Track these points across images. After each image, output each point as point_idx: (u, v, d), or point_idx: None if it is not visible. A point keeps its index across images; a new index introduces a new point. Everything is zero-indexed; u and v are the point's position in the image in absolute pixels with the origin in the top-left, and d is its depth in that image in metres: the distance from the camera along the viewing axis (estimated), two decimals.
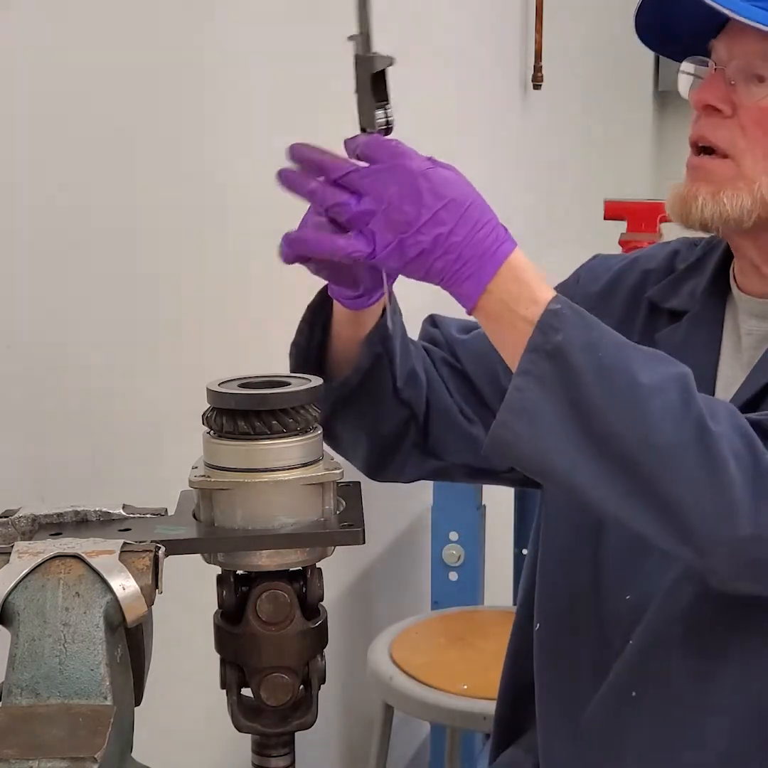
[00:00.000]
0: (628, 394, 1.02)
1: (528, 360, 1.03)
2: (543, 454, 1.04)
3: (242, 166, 1.83)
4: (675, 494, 1.02)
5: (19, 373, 1.37)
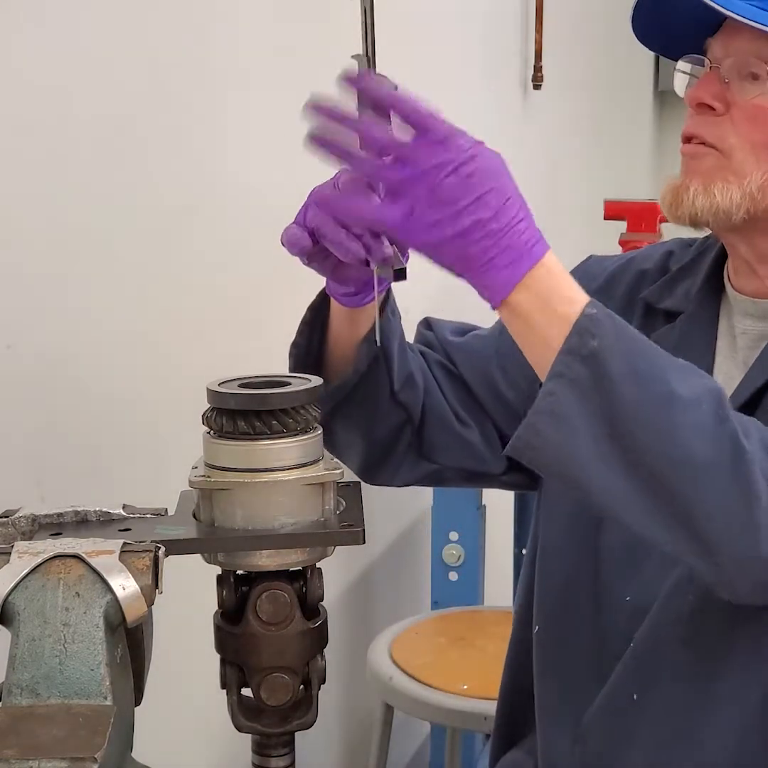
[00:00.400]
0: (664, 406, 1.01)
1: (562, 363, 1.01)
2: (570, 460, 1.02)
3: (243, 166, 1.83)
4: (703, 511, 1.01)
5: (19, 373, 1.37)
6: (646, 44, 1.31)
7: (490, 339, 1.41)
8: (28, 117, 1.36)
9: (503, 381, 1.38)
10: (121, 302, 1.55)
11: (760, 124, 1.20)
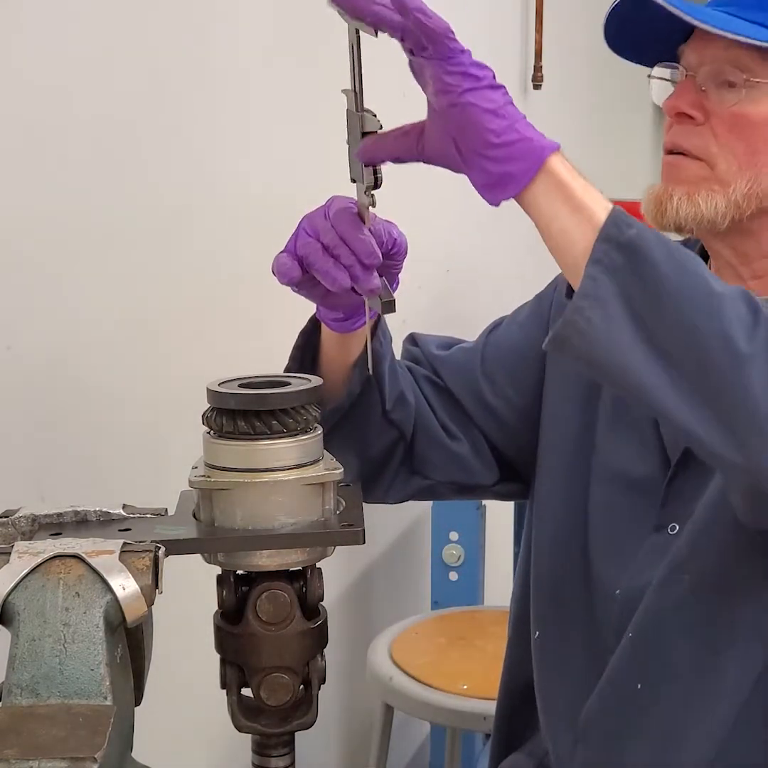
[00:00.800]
0: (704, 293, 1.00)
1: (601, 250, 0.99)
2: (612, 348, 1.00)
3: (243, 166, 1.83)
4: (744, 398, 0.99)
5: (19, 373, 1.37)
6: (619, 53, 1.30)
7: (476, 351, 1.42)
8: (28, 117, 1.36)
9: (490, 391, 1.38)
10: (121, 302, 1.55)
11: (740, 133, 1.19)
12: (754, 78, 1.18)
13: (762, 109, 1.19)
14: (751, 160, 1.20)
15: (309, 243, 1.11)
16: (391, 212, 2.48)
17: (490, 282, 3.27)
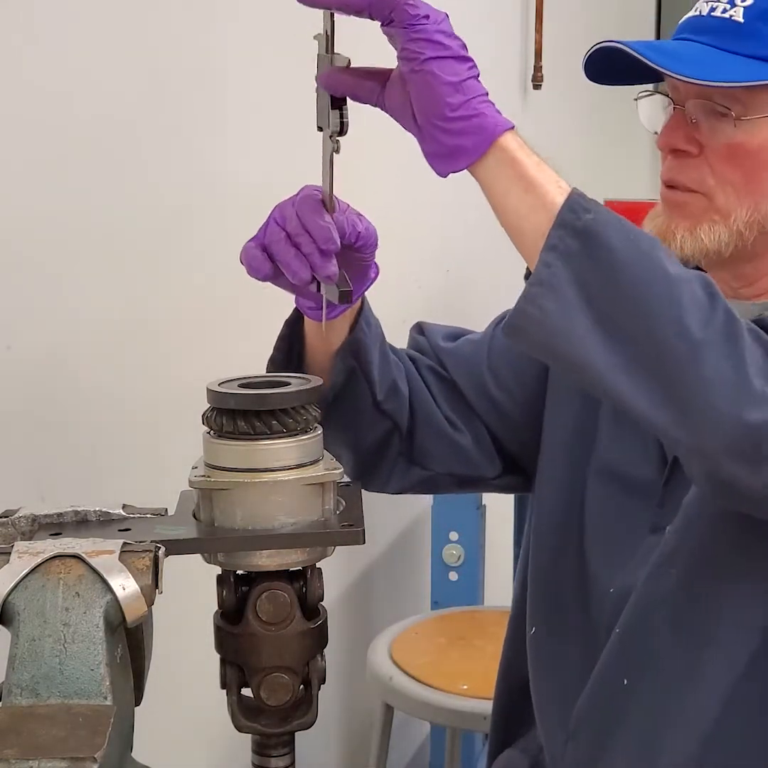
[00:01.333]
0: (661, 278, 1.00)
1: (556, 236, 0.99)
2: (567, 337, 1.00)
3: (243, 166, 1.83)
4: (697, 382, 1.00)
5: (19, 373, 1.37)
6: (602, 83, 1.29)
7: (482, 343, 1.41)
8: (28, 118, 1.36)
9: (494, 385, 1.38)
10: (121, 303, 1.55)
11: (736, 163, 1.19)
12: (743, 113, 1.17)
13: (756, 137, 1.18)
14: (749, 188, 1.19)
15: (275, 232, 1.11)
16: (391, 212, 2.48)
17: (490, 282, 3.27)
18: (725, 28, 1.18)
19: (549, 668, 1.36)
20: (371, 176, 2.38)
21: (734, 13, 1.18)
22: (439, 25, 1.01)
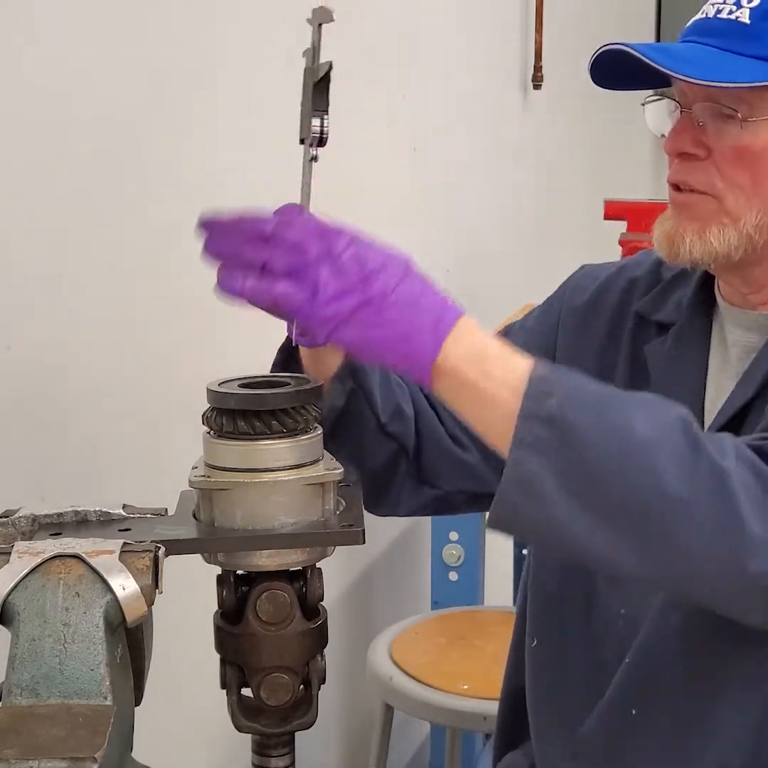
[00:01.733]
0: (635, 449, 0.98)
1: (524, 429, 0.96)
2: (551, 524, 0.98)
3: (243, 167, 1.83)
4: (691, 541, 0.98)
5: (19, 373, 1.37)
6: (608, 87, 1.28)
7: None
8: (28, 118, 1.36)
9: None
10: (121, 303, 1.55)
11: (744, 165, 1.18)
12: (750, 115, 1.17)
13: (761, 139, 1.17)
14: (757, 191, 1.18)
15: None
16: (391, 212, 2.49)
17: (490, 282, 3.27)
18: (731, 30, 1.17)
19: (550, 687, 1.34)
20: (371, 177, 2.38)
21: (740, 14, 1.17)
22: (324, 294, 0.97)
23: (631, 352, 1.33)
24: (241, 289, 0.98)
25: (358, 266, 0.97)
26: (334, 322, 0.97)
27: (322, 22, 1.04)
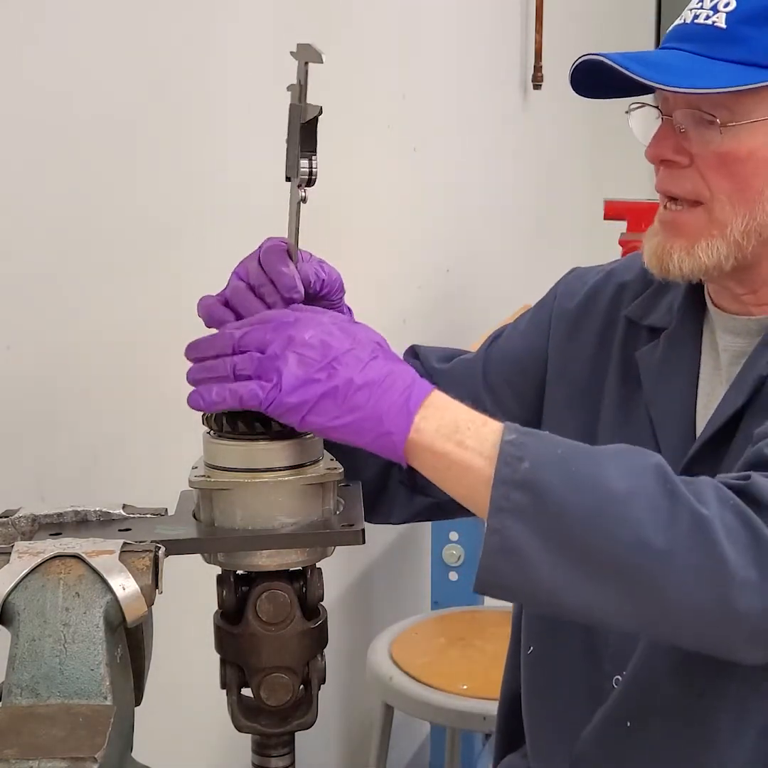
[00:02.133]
0: (610, 503, 0.98)
1: (500, 496, 0.97)
2: (536, 586, 1.00)
3: (243, 167, 1.83)
4: (675, 592, 0.99)
5: (19, 373, 1.37)
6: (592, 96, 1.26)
7: (477, 363, 1.40)
8: (28, 119, 1.36)
9: (492, 403, 1.37)
10: (121, 303, 1.55)
11: (726, 172, 1.17)
12: (730, 119, 1.16)
13: (743, 144, 1.17)
14: (742, 196, 1.18)
15: (237, 286, 1.10)
16: (392, 213, 2.49)
17: (490, 282, 3.27)
18: (708, 35, 1.17)
19: (547, 695, 1.34)
20: (371, 176, 2.38)
21: (717, 19, 1.17)
22: (285, 383, 0.98)
23: (623, 358, 1.33)
24: (207, 403, 1.00)
25: (322, 354, 0.99)
26: (302, 411, 0.98)
27: (309, 61, 1.03)
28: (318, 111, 1.03)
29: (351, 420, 0.99)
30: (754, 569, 0.99)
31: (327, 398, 0.98)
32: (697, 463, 1.22)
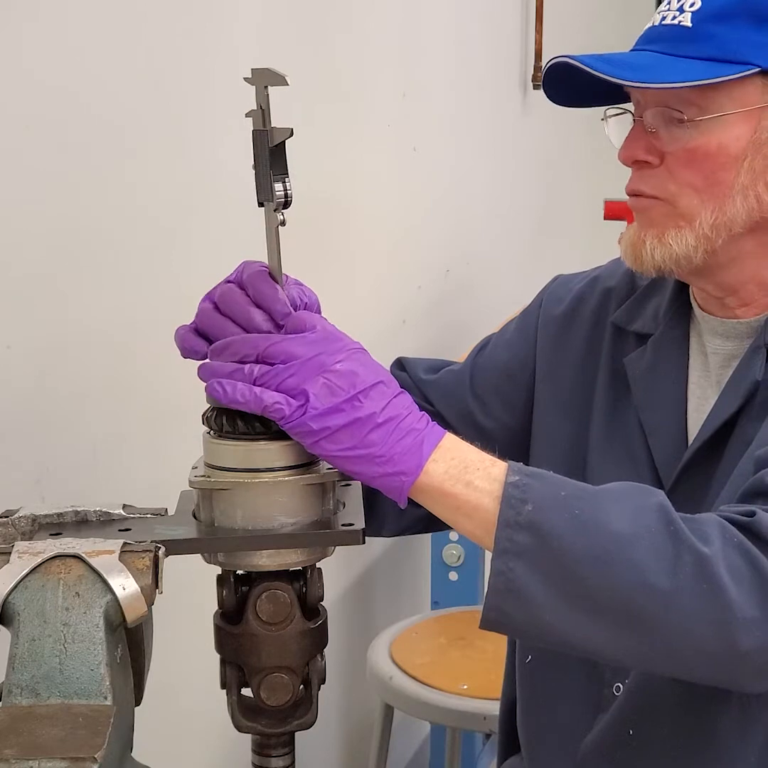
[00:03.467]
0: (613, 546, 0.99)
1: (504, 537, 0.99)
2: (542, 626, 1.01)
3: (242, 167, 1.83)
4: (679, 632, 1.00)
5: (19, 373, 1.37)
6: (561, 104, 1.28)
7: (464, 373, 1.40)
8: (27, 118, 1.36)
9: (481, 413, 1.37)
10: (121, 303, 1.55)
11: (695, 167, 1.18)
12: (699, 115, 1.17)
13: (713, 138, 1.18)
14: (711, 190, 1.19)
15: (204, 308, 1.07)
16: (392, 213, 2.48)
17: (490, 282, 3.27)
18: (674, 34, 1.19)
19: (548, 703, 1.34)
20: (371, 176, 2.38)
21: (682, 18, 1.19)
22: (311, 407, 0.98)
23: (611, 364, 1.33)
24: (228, 399, 0.99)
25: (350, 384, 0.99)
26: (319, 436, 0.99)
27: (271, 85, 1.02)
28: (288, 134, 1.02)
29: (364, 453, 0.99)
30: (758, 608, 1.00)
31: (346, 430, 0.99)
32: (692, 468, 1.23)
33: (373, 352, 1.05)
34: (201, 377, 1.02)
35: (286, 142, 1.02)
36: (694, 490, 1.22)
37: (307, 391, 0.98)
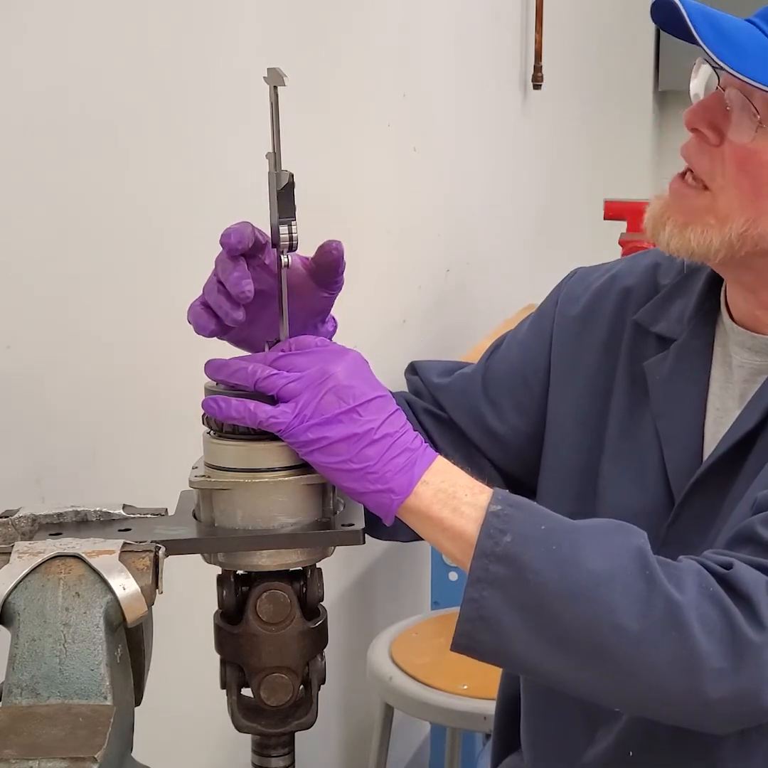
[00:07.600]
0: (586, 585, 0.99)
1: (479, 567, 1.00)
2: (510, 655, 1.02)
3: (242, 167, 1.83)
4: (647, 676, 1.00)
5: (18, 373, 1.37)
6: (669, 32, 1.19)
7: (477, 376, 1.37)
8: (27, 118, 1.36)
9: (494, 417, 1.34)
10: (120, 303, 1.55)
11: (748, 170, 1.13)
12: None
13: None
14: (754, 200, 1.13)
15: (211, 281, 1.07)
16: (392, 213, 2.48)
17: (490, 282, 3.27)
18: None
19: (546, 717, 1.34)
20: (371, 176, 2.38)
21: None
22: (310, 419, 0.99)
23: (630, 365, 1.29)
24: (224, 415, 1.00)
25: (349, 398, 1.00)
26: (313, 446, 0.99)
27: (275, 84, 1.03)
28: (288, 177, 1.03)
29: (357, 468, 1.00)
30: (727, 660, 0.99)
31: (342, 443, 0.99)
32: (706, 483, 1.20)
33: (373, 351, 1.05)
34: (207, 375, 1.04)
35: (294, 187, 1.03)
36: (705, 506, 1.20)
37: (307, 398, 0.98)
